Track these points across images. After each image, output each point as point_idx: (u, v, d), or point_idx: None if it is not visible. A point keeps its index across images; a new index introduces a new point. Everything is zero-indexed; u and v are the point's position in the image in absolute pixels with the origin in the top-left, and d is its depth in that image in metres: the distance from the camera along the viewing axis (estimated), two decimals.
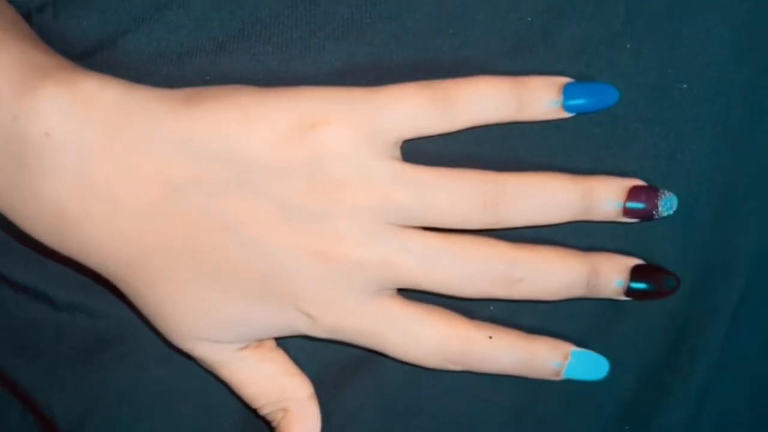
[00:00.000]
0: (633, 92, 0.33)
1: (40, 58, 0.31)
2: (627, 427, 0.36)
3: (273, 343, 0.35)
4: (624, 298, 0.33)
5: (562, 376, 0.34)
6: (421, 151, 0.32)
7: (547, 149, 0.33)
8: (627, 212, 0.32)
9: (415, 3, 0.32)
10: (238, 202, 0.31)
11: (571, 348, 0.34)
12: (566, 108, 0.32)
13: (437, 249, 0.31)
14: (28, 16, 0.33)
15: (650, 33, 0.32)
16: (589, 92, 0.32)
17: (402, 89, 0.31)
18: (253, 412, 0.35)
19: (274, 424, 0.35)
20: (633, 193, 0.32)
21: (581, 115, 0.32)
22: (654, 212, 0.33)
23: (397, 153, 0.32)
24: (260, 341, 0.34)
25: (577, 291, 0.33)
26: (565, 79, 0.32)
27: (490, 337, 0.33)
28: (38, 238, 0.32)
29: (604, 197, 0.32)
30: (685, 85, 0.33)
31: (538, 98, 0.32)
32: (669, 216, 0.33)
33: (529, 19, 0.32)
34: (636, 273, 0.33)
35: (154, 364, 0.36)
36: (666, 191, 0.33)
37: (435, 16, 0.32)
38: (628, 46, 0.32)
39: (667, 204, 0.33)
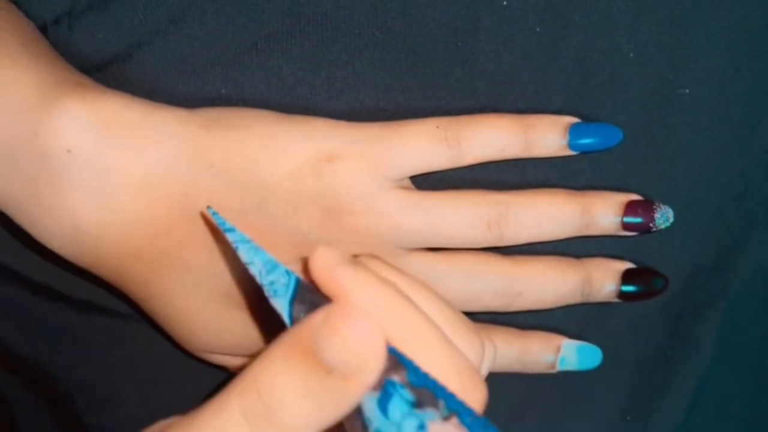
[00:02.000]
0: (634, 99, 0.33)
1: (60, 74, 0.31)
2: (628, 417, 0.38)
3: None
4: (616, 300, 0.35)
5: (557, 368, 0.35)
6: None
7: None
8: (625, 227, 0.34)
9: (423, 18, 0.32)
10: (254, 227, 0.31)
11: (563, 341, 0.35)
12: (572, 147, 0.33)
13: (441, 270, 0.33)
14: (43, 29, 0.33)
15: (652, 41, 0.33)
16: (594, 133, 0.33)
17: (415, 129, 0.32)
18: None
19: None
20: (630, 208, 0.34)
21: (586, 153, 0.33)
22: (651, 225, 0.34)
23: (407, 182, 0.33)
24: None
25: (573, 299, 0.34)
26: (571, 120, 0.33)
27: None
28: (55, 250, 0.32)
29: (603, 213, 0.33)
30: (686, 91, 0.34)
31: (545, 139, 0.32)
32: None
33: (538, 29, 0.33)
34: (626, 276, 0.35)
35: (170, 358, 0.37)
36: (662, 205, 0.34)
37: (443, 30, 0.33)
38: (631, 55, 0.33)
39: (663, 217, 0.34)
